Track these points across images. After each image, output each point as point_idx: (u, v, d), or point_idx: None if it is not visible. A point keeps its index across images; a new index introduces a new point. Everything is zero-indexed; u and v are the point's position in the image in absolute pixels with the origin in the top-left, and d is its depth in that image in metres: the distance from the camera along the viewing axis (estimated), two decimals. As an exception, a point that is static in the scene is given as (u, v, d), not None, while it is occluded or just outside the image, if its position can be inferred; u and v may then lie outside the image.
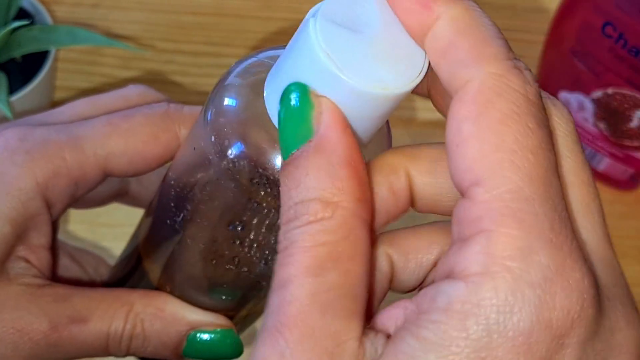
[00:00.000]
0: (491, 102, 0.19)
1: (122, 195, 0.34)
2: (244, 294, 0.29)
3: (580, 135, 0.53)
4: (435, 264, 0.24)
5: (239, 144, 0.25)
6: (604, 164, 0.54)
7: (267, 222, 0.26)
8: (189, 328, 0.28)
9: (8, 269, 0.28)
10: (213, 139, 0.25)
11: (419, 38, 0.21)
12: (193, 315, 0.28)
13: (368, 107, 0.22)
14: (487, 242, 0.19)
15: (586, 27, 0.48)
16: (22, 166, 0.27)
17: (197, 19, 0.59)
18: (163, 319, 0.28)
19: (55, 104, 0.54)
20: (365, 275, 0.21)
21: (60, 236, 0.34)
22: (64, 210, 0.30)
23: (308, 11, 0.23)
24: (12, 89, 0.45)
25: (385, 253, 0.24)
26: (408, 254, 0.24)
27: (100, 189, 0.31)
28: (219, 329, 0.28)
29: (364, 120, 0.23)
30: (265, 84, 0.25)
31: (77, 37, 0.46)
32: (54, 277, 0.31)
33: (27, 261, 0.28)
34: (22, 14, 0.49)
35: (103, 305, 0.28)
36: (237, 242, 0.27)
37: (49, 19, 0.49)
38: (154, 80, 0.56)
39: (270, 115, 0.24)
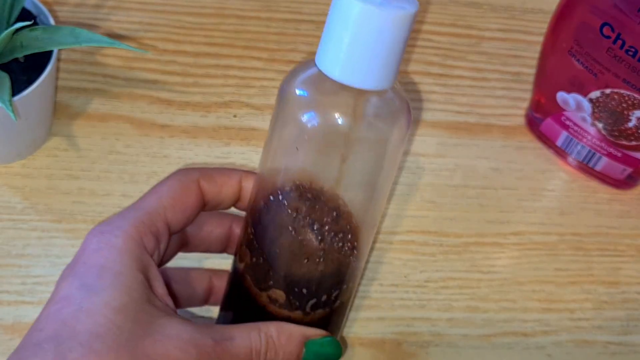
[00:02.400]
0: None
1: (184, 246, 0.41)
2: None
3: (579, 134, 0.54)
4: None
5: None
6: (602, 163, 0.54)
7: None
8: (304, 338, 0.36)
9: (153, 298, 0.34)
10: None
11: None
12: (303, 329, 0.37)
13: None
14: None
15: (584, 27, 0.48)
16: (122, 236, 0.35)
17: (198, 19, 0.60)
18: (285, 334, 0.36)
19: (57, 104, 0.54)
20: None
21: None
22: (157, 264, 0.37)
23: (308, 12, 0.24)
24: (15, 89, 0.46)
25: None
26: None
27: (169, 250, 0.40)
28: (325, 337, 0.37)
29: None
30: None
31: (79, 38, 0.46)
32: None
33: (163, 302, 0.35)
34: (25, 14, 0.49)
35: (239, 329, 0.35)
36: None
37: (51, 20, 0.49)
38: (156, 80, 0.56)
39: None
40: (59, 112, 0.54)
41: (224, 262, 0.42)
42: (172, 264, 0.40)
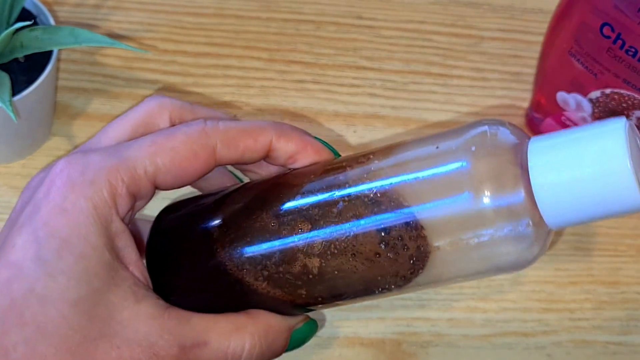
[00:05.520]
0: None
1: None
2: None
3: (579, 135, 0.54)
4: None
5: None
6: (602, 163, 0.54)
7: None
8: (290, 330, 0.34)
9: (119, 281, 0.31)
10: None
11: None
12: (288, 320, 0.34)
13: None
14: None
15: (584, 27, 0.48)
16: (92, 197, 0.31)
17: (198, 19, 0.60)
18: (272, 332, 0.33)
19: (57, 104, 0.54)
20: None
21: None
22: (128, 220, 0.34)
23: (308, 12, 0.23)
24: (15, 89, 0.46)
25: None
26: None
27: None
28: (304, 323, 0.35)
29: None
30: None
31: (79, 38, 0.47)
32: None
33: (134, 276, 0.32)
34: (25, 14, 0.49)
35: (218, 327, 0.32)
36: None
37: (51, 20, 0.49)
38: (156, 80, 0.56)
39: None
40: (59, 112, 0.54)
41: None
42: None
